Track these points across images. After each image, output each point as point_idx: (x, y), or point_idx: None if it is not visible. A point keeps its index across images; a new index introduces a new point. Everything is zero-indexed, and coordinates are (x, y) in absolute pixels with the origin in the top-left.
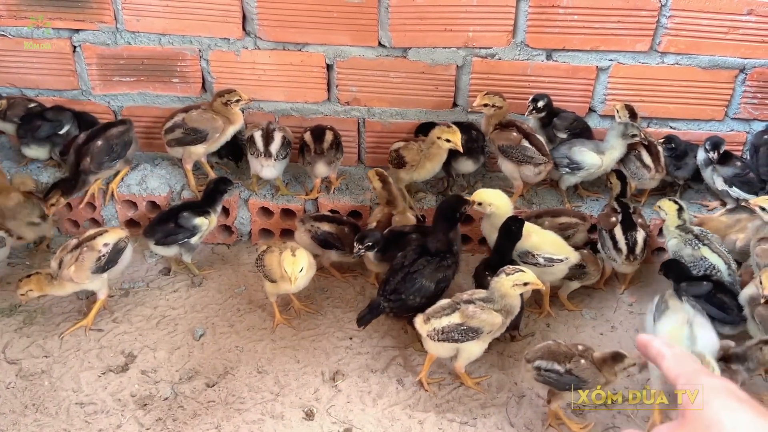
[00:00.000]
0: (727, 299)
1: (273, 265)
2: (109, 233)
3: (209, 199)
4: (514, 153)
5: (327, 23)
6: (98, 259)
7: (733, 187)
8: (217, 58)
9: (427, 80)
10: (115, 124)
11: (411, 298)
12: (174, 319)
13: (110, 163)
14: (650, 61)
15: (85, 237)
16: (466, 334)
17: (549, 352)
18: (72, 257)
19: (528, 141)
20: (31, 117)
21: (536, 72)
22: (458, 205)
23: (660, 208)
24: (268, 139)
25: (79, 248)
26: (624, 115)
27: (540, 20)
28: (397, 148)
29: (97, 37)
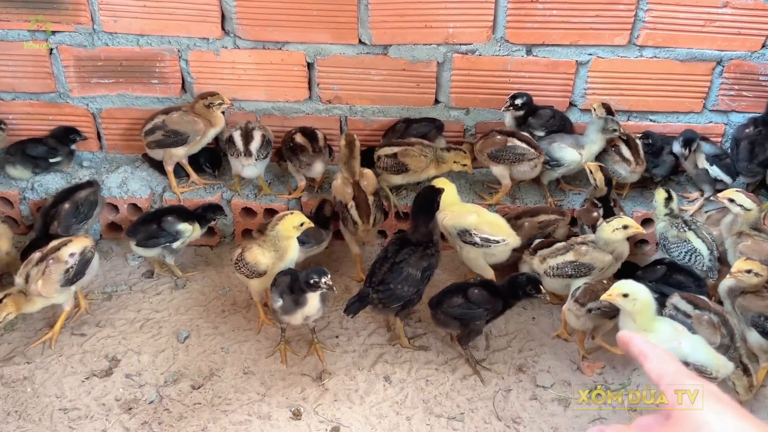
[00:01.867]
0: (683, 277)
1: (257, 258)
2: (73, 242)
3: (198, 216)
4: (505, 155)
5: (307, 21)
6: (66, 271)
7: (713, 166)
8: (197, 59)
9: (408, 77)
10: (83, 186)
11: (399, 287)
12: (158, 322)
13: (78, 225)
14: (629, 54)
15: (49, 248)
16: (578, 270)
17: (593, 292)
18: (38, 271)
19: (515, 139)
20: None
21: (517, 67)
22: (433, 195)
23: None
24: (248, 138)
25: (44, 261)
26: (601, 113)
27: (519, 15)
28: (393, 153)
29: (74, 38)
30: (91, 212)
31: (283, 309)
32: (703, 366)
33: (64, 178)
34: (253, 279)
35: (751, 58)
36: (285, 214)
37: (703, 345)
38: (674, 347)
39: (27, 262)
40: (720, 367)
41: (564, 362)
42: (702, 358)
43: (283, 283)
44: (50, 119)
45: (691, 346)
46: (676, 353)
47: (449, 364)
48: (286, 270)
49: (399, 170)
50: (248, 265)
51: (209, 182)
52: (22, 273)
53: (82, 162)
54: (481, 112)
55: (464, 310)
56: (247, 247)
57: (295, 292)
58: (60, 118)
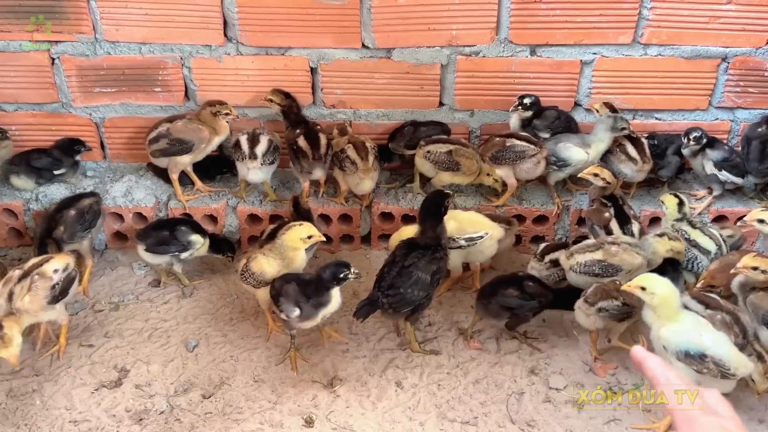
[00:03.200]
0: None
1: (263, 267)
2: (55, 259)
3: (213, 238)
4: (505, 155)
5: (309, 26)
6: (53, 287)
7: (722, 171)
8: (200, 66)
9: (412, 80)
10: (86, 195)
11: (409, 292)
12: (166, 331)
13: (82, 232)
14: (633, 53)
15: (30, 265)
16: (606, 270)
17: (604, 292)
18: (22, 288)
19: (513, 139)
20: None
21: (521, 68)
22: (441, 200)
23: (662, 203)
24: (254, 142)
25: (28, 277)
26: (604, 113)
27: (522, 16)
28: (448, 150)
29: (76, 48)
30: (95, 221)
31: (301, 317)
32: (722, 360)
33: (69, 189)
34: (260, 288)
35: (756, 54)
36: (293, 225)
37: (726, 341)
38: (694, 338)
39: (6, 280)
40: (740, 365)
41: (576, 364)
42: (722, 353)
43: (294, 291)
44: (53, 129)
45: (713, 340)
46: (697, 345)
47: (461, 367)
48: (286, 276)
49: (450, 167)
50: (254, 275)
51: (214, 189)
52: (2, 293)
53: (86, 172)
54: (486, 113)
55: (520, 302)
56: (252, 257)
57: (315, 296)
58: (63, 128)
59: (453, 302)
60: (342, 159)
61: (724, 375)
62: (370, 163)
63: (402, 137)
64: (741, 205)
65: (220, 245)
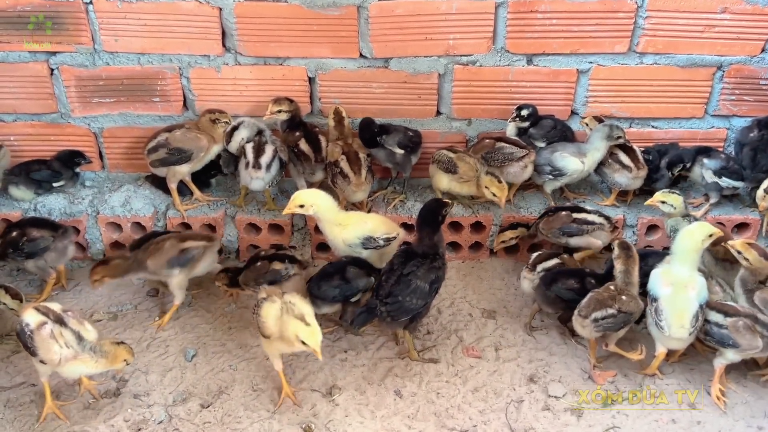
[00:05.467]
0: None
1: (269, 320)
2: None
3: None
4: (494, 156)
5: (307, 36)
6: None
7: (722, 178)
8: (198, 76)
9: (410, 90)
10: (44, 224)
11: (408, 300)
12: (164, 340)
13: (19, 257)
14: (629, 61)
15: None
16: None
17: (598, 302)
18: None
19: (502, 142)
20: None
21: (518, 77)
22: (439, 208)
23: (665, 203)
24: (259, 152)
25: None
26: (593, 127)
27: (519, 25)
28: (450, 156)
29: (75, 58)
30: (36, 254)
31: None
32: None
33: (67, 199)
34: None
35: (751, 63)
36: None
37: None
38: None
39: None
40: None
41: (575, 371)
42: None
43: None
44: (52, 140)
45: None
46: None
47: (460, 376)
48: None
49: (449, 169)
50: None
51: (212, 199)
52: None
53: (84, 182)
54: (483, 122)
55: (577, 296)
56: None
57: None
58: (62, 139)
59: (452, 311)
60: (335, 174)
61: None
62: (362, 177)
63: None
64: (737, 213)
65: None
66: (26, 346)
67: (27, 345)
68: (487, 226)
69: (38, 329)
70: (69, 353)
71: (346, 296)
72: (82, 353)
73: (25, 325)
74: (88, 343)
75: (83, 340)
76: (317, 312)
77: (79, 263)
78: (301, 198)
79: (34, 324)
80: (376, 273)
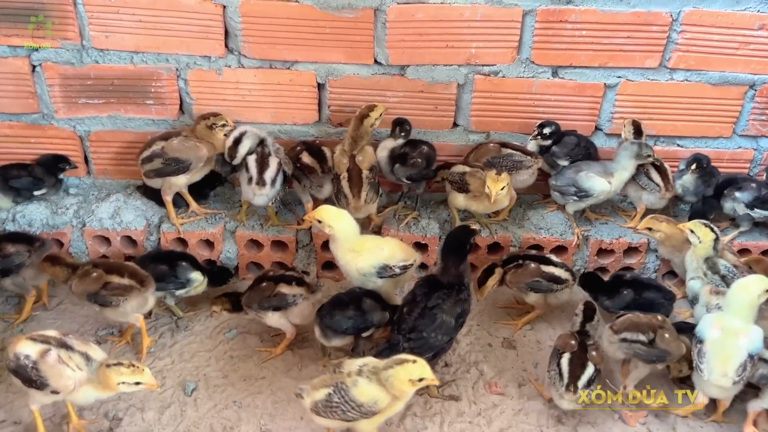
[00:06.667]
0: (653, 294)
1: (380, 403)
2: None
3: (214, 276)
4: (502, 162)
5: (319, 39)
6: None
7: (755, 210)
8: (197, 78)
9: (426, 99)
10: (22, 239)
11: (433, 336)
12: (161, 371)
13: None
14: (659, 77)
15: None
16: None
17: (633, 324)
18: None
19: (508, 148)
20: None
21: (541, 90)
22: (467, 236)
23: (693, 233)
24: (263, 166)
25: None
26: (629, 132)
27: (547, 36)
28: (462, 172)
29: (60, 55)
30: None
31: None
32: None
33: (50, 208)
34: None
35: None
36: (405, 360)
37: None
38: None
39: None
40: None
41: (605, 411)
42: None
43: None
44: (32, 142)
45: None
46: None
47: (483, 415)
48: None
49: (461, 189)
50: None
51: (210, 212)
52: None
53: (68, 189)
54: (502, 136)
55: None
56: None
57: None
58: (43, 141)
59: (470, 340)
60: (338, 190)
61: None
62: (361, 200)
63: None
64: (765, 239)
65: (219, 277)
66: (29, 380)
67: (31, 378)
68: (505, 246)
69: (42, 357)
70: (82, 376)
71: (359, 329)
72: (94, 376)
73: (24, 357)
74: (97, 364)
75: (92, 361)
76: (326, 344)
77: None
78: (323, 214)
79: (36, 353)
80: (391, 308)
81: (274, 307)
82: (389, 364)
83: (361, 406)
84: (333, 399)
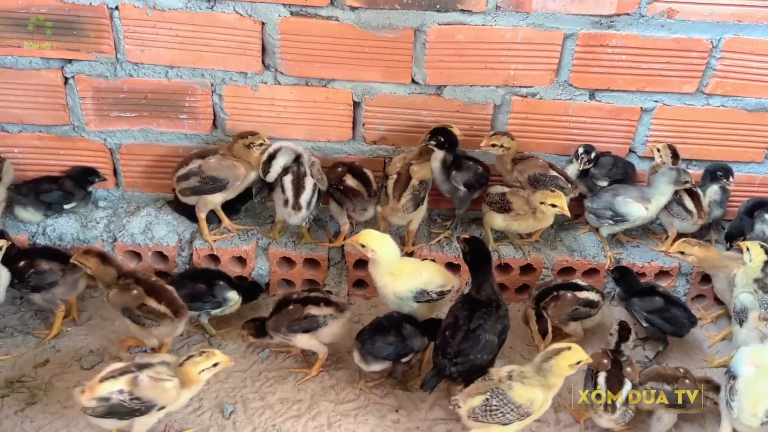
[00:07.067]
0: (679, 312)
1: (535, 404)
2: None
3: (245, 292)
4: (546, 181)
5: (356, 58)
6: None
7: None
8: (232, 93)
9: (462, 119)
10: (54, 255)
11: (479, 357)
12: (198, 393)
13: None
14: (696, 102)
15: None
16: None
17: (658, 374)
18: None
19: (553, 169)
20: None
21: (578, 112)
22: (482, 246)
23: (748, 251)
24: (299, 189)
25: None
26: (666, 156)
27: (586, 59)
28: (501, 192)
29: (94, 68)
30: (43, 287)
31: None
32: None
33: (80, 222)
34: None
35: None
36: (561, 349)
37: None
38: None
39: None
40: None
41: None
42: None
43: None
44: (62, 154)
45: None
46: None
47: None
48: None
49: (502, 208)
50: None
51: (243, 227)
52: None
53: (97, 202)
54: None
55: None
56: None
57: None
58: (73, 153)
59: (501, 363)
60: (379, 191)
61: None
62: (399, 204)
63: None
64: None
65: (250, 293)
66: (131, 413)
67: (133, 409)
68: (538, 268)
69: (136, 385)
70: (177, 381)
71: (399, 355)
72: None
73: (117, 393)
74: (173, 365)
75: (171, 365)
76: (365, 369)
77: (91, 293)
78: (366, 239)
79: (126, 385)
80: (429, 333)
81: (304, 329)
82: (547, 356)
83: (519, 407)
84: (492, 403)
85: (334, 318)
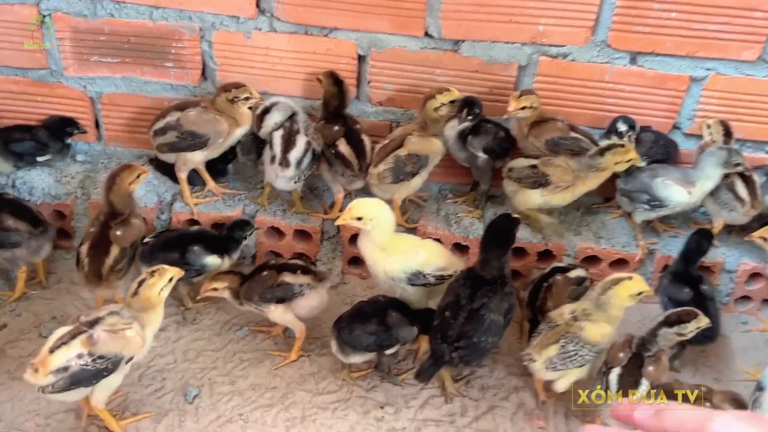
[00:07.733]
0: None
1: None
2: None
3: (224, 244)
4: (567, 143)
5: (363, 4)
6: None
7: None
8: (222, 41)
9: (481, 81)
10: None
11: (483, 340)
12: (161, 371)
13: None
14: (756, 73)
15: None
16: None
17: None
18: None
19: (574, 131)
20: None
21: (615, 78)
22: (512, 225)
23: None
24: (289, 144)
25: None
26: (717, 134)
27: (629, 16)
28: (531, 165)
29: (72, 5)
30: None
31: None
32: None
33: (53, 176)
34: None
35: None
36: (621, 279)
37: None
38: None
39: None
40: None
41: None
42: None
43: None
44: (39, 101)
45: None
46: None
47: None
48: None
49: (538, 183)
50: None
51: (229, 191)
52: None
53: (75, 155)
54: None
55: None
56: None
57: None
58: (51, 101)
59: (509, 361)
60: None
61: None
62: (375, 169)
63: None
64: None
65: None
66: (98, 374)
67: (99, 370)
68: (558, 256)
69: (93, 344)
70: (138, 327)
71: (382, 346)
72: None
73: (76, 358)
74: (127, 311)
75: (118, 313)
76: (344, 360)
77: (63, 254)
78: (362, 209)
79: (83, 346)
80: (419, 320)
81: (278, 299)
82: (605, 287)
83: (595, 345)
84: (568, 348)
85: (311, 288)
